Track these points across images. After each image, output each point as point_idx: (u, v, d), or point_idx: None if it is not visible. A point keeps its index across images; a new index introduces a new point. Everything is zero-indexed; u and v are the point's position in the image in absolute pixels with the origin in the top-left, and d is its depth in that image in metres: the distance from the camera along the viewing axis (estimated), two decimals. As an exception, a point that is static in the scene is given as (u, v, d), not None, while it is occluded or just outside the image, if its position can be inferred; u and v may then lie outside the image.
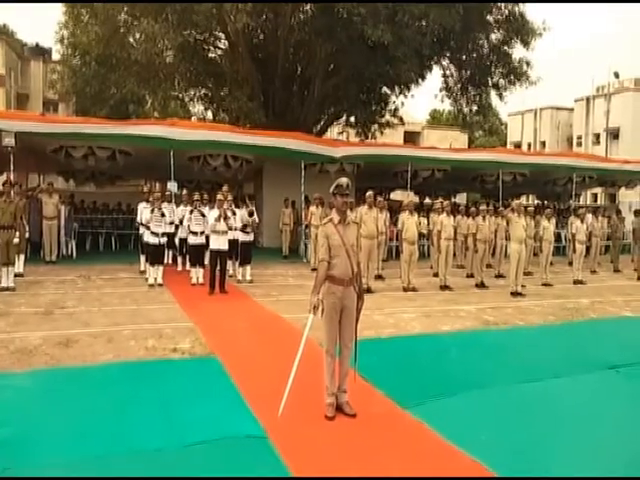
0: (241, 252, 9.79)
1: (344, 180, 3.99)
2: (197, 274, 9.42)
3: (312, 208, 11.93)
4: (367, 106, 21.25)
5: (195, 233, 9.44)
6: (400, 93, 21.23)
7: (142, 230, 9.80)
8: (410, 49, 15.78)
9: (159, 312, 7.17)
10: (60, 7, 18.54)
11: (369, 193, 9.87)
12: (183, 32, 16.02)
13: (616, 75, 31.83)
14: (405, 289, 9.46)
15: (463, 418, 3.93)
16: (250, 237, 9.93)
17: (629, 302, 8.87)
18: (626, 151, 29.90)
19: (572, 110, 38.47)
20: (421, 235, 11.45)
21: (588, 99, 35.76)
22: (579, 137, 36.89)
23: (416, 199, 19.98)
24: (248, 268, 9.92)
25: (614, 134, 33.31)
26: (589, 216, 12.53)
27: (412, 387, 4.52)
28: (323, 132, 21.79)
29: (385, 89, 21.18)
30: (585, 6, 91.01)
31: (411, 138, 36.67)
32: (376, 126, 22.06)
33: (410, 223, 9.62)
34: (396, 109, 22.14)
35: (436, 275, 10.54)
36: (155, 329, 6.20)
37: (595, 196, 30.02)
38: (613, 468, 3.25)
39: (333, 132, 28.04)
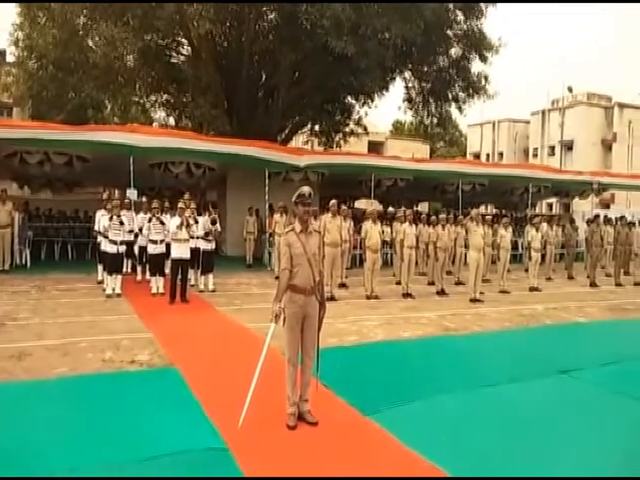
0: (203, 261, 9.66)
1: (306, 189, 4.01)
2: (157, 283, 9.22)
3: (276, 216, 11.92)
4: (331, 115, 21.48)
5: (155, 242, 9.24)
6: (364, 103, 21.61)
7: (100, 239, 9.55)
8: (373, 61, 16.07)
9: (117, 323, 6.98)
10: (14, 8, 17.95)
11: (333, 202, 9.96)
12: (144, 36, 15.79)
13: (570, 89, 33.30)
14: (368, 297, 9.55)
15: (423, 424, 4.00)
16: (212, 245, 9.81)
17: (582, 308, 9.23)
18: (579, 162, 31.26)
19: (528, 122, 39.95)
20: (384, 243, 11.62)
21: (544, 112, 37.22)
22: (535, 149, 38.32)
23: (380, 208, 20.28)
24: (210, 277, 9.80)
25: (568, 146, 34.76)
26: (544, 225, 12.99)
27: (374, 394, 4.56)
28: (288, 140, 21.84)
29: (349, 99, 21.48)
30: (542, 21, 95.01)
31: (375, 148, 37.20)
32: (340, 135, 22.29)
33: (373, 231, 9.74)
34: (360, 119, 22.46)
35: (399, 283, 10.69)
36: (113, 341, 6.03)
37: (550, 206, 31.19)
38: (565, 469, 3.36)
39: (298, 141, 28.15)
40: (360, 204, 22.05)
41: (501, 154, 41.09)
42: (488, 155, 41.80)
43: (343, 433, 3.79)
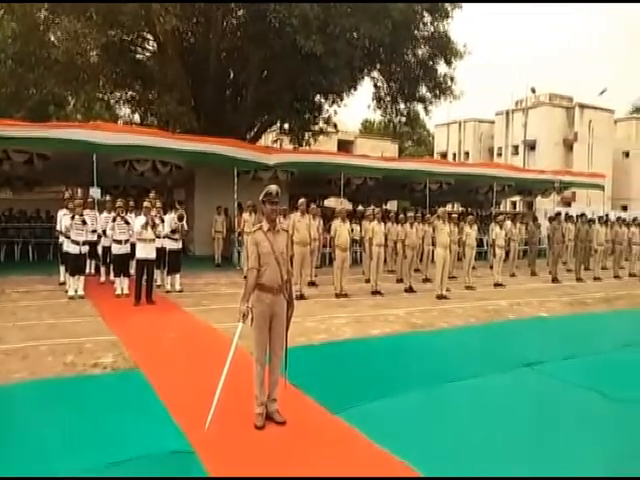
0: (169, 260, 9.49)
1: (273, 188, 4.00)
2: (122, 284, 9.01)
3: (245, 215, 11.82)
4: (301, 114, 21.41)
5: (119, 242, 9.00)
6: (333, 102, 21.64)
7: (62, 239, 9.27)
8: (341, 60, 16.11)
9: (80, 326, 6.79)
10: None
11: (302, 200, 9.95)
12: (108, 32, 15.35)
13: (533, 90, 34.25)
14: (337, 295, 9.58)
15: (391, 420, 4.04)
16: (179, 245, 9.65)
17: (544, 303, 9.51)
18: (542, 162, 32.22)
19: (493, 122, 40.89)
20: (353, 242, 11.69)
21: (508, 112, 38.14)
22: (500, 148, 39.25)
23: (349, 206, 20.40)
24: (177, 277, 9.64)
25: (531, 146, 35.74)
26: (508, 223, 13.33)
27: (342, 392, 4.58)
28: (257, 139, 21.69)
29: (318, 98, 21.47)
30: (507, 23, 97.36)
31: (345, 146, 37.38)
32: (310, 134, 22.27)
33: (342, 230, 9.78)
34: (329, 117, 22.49)
35: (368, 281, 10.77)
36: (75, 344, 5.86)
37: (514, 204, 32.02)
38: (528, 459, 3.46)
39: (268, 139, 28.00)
40: (330, 203, 22.11)
41: (467, 153, 41.93)
42: (455, 154, 42.58)
43: (312, 432, 3.80)
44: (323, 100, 21.68)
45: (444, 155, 42.52)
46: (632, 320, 8.33)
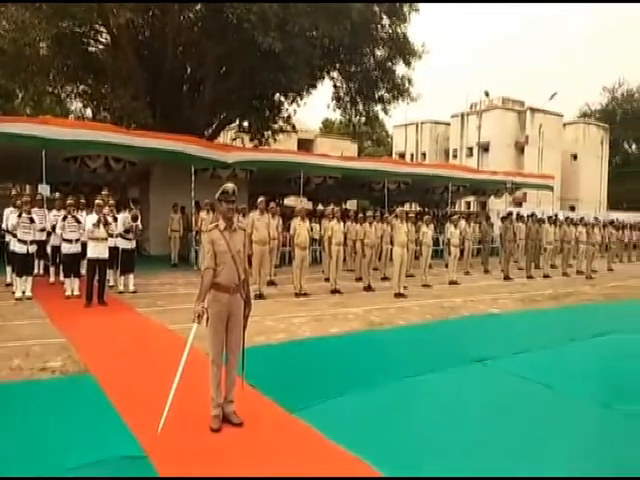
0: (122, 260, 9.21)
1: (230, 186, 3.94)
2: (72, 285, 8.67)
3: (202, 214, 11.64)
4: (260, 112, 21.26)
5: (69, 241, 8.64)
6: (293, 101, 21.58)
7: (8, 238, 8.85)
8: (301, 59, 16.11)
9: (27, 328, 6.49)
10: None
11: (261, 199, 9.88)
12: (59, 23, 14.74)
13: (486, 94, 35.32)
14: (297, 294, 9.57)
15: (349, 418, 4.06)
16: (132, 244, 9.38)
17: (496, 300, 9.83)
18: (495, 163, 33.23)
19: (449, 125, 41.89)
20: (313, 241, 11.71)
21: (463, 115, 39.13)
22: (455, 150, 40.23)
23: (309, 205, 20.43)
24: (131, 277, 9.37)
25: (485, 148, 36.82)
26: (462, 222, 13.69)
27: (301, 391, 4.57)
28: (215, 136, 21.37)
29: (278, 96, 21.37)
30: (463, 27, 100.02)
31: (305, 146, 37.36)
32: (269, 132, 22.14)
33: (302, 229, 9.77)
34: (289, 116, 22.43)
35: (327, 280, 10.81)
36: (22, 347, 5.60)
37: (469, 204, 32.92)
38: (482, 454, 3.56)
39: (227, 137, 27.62)
40: (289, 202, 22.06)
41: (424, 154, 42.76)
42: (412, 155, 43.33)
43: (269, 432, 3.76)
44: (283, 98, 21.60)
45: (402, 155, 43.20)
46: (578, 316, 8.72)
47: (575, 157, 39.73)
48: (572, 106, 69.54)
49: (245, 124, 22.24)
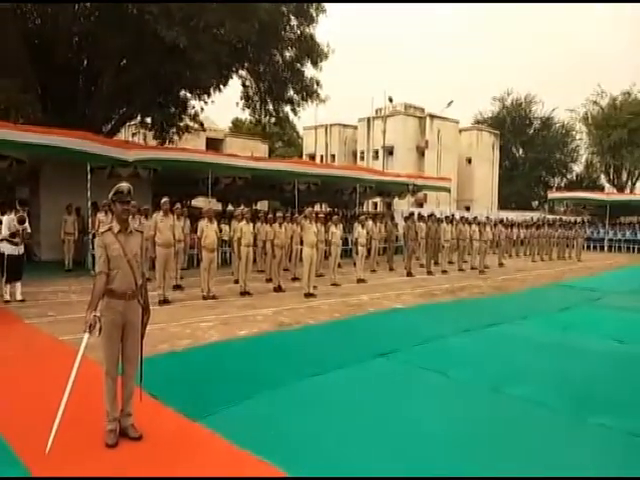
0: (8, 267, 8.36)
1: (124, 185, 3.73)
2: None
3: (100, 215, 10.96)
4: (164, 108, 20.43)
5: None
6: (199, 98, 20.99)
7: None
8: (207, 55, 15.70)
9: None
10: None
11: (164, 199, 9.49)
12: None
13: (390, 99, 36.82)
14: (205, 297, 9.32)
15: (253, 421, 4.01)
16: (20, 249, 8.56)
17: (400, 296, 10.30)
18: (398, 166, 34.85)
19: (357, 128, 43.19)
20: (223, 242, 11.47)
21: (369, 119, 40.51)
22: (362, 152, 41.55)
23: (218, 206, 19.99)
24: (18, 285, 8.55)
25: (389, 151, 38.44)
26: (369, 222, 14.18)
27: (205, 398, 4.45)
28: (115, 133, 20.16)
29: (184, 92, 20.68)
30: (369, 34, 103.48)
31: (214, 145, 36.48)
32: (174, 130, 21.34)
33: (209, 230, 9.51)
34: (196, 114, 21.79)
35: (237, 282, 10.65)
36: None
37: (376, 204, 34.17)
38: (392, 445, 3.69)
39: (129, 133, 26.17)
40: (198, 202, 21.42)
41: (333, 156, 43.69)
42: (322, 156, 44.08)
43: (170, 443, 3.61)
44: (189, 95, 20.95)
45: (312, 157, 43.78)
46: (471, 308, 9.38)
47: (469, 161, 42.79)
48: (467, 113, 74.81)
49: (148, 120, 21.22)
